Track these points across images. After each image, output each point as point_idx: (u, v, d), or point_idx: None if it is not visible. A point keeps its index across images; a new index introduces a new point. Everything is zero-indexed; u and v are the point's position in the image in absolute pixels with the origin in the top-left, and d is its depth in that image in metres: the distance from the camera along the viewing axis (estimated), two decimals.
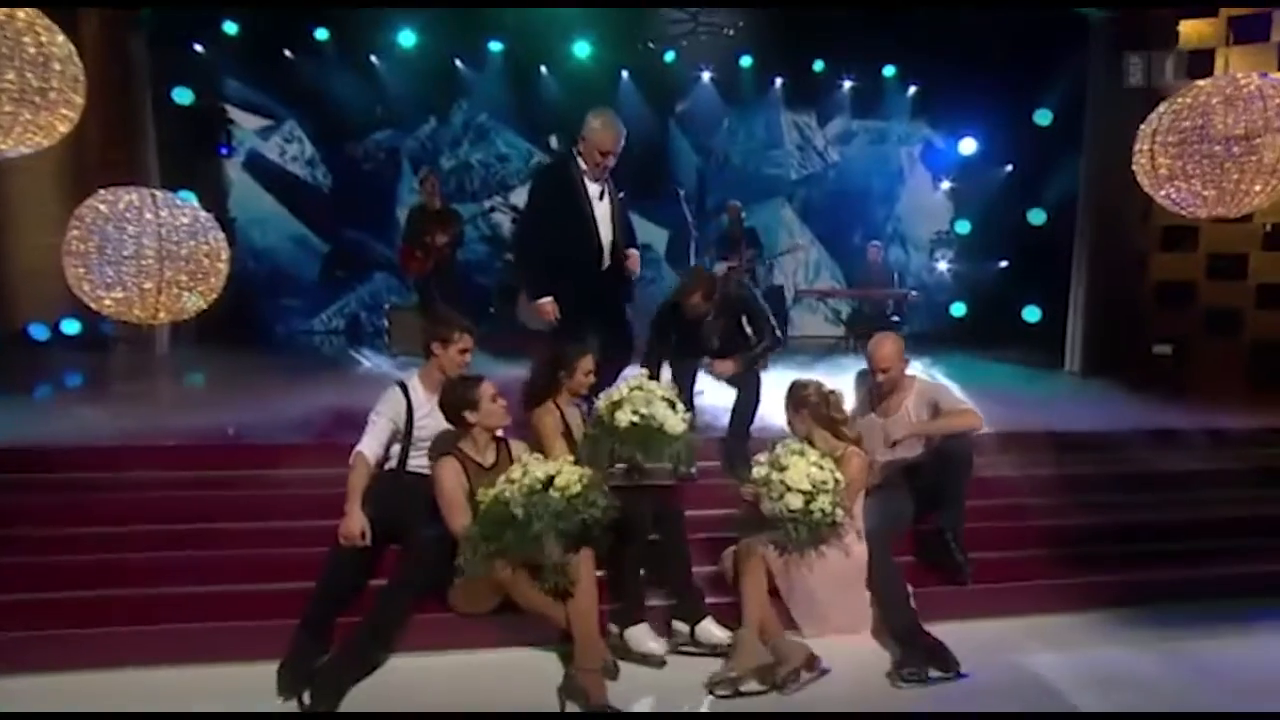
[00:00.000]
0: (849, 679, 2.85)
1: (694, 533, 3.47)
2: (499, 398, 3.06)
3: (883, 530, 3.26)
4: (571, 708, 2.65)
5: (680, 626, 3.05)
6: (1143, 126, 4.65)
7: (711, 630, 3.01)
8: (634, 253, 3.88)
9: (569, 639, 2.81)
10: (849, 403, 3.48)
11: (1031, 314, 8.39)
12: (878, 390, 3.55)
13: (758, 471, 3.07)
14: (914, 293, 8.56)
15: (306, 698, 2.63)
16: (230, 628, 2.94)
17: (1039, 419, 4.87)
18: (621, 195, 3.90)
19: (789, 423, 3.31)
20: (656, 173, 10.27)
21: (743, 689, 2.75)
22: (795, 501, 2.94)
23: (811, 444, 3.15)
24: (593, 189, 3.73)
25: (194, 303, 4.68)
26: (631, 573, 3.09)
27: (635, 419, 3.08)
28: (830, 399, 3.26)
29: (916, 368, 3.76)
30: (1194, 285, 6.65)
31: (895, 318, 8.06)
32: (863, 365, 3.60)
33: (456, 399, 3.03)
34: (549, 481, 2.76)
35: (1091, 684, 2.85)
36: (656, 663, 2.94)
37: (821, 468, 2.99)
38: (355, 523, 2.92)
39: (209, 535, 3.41)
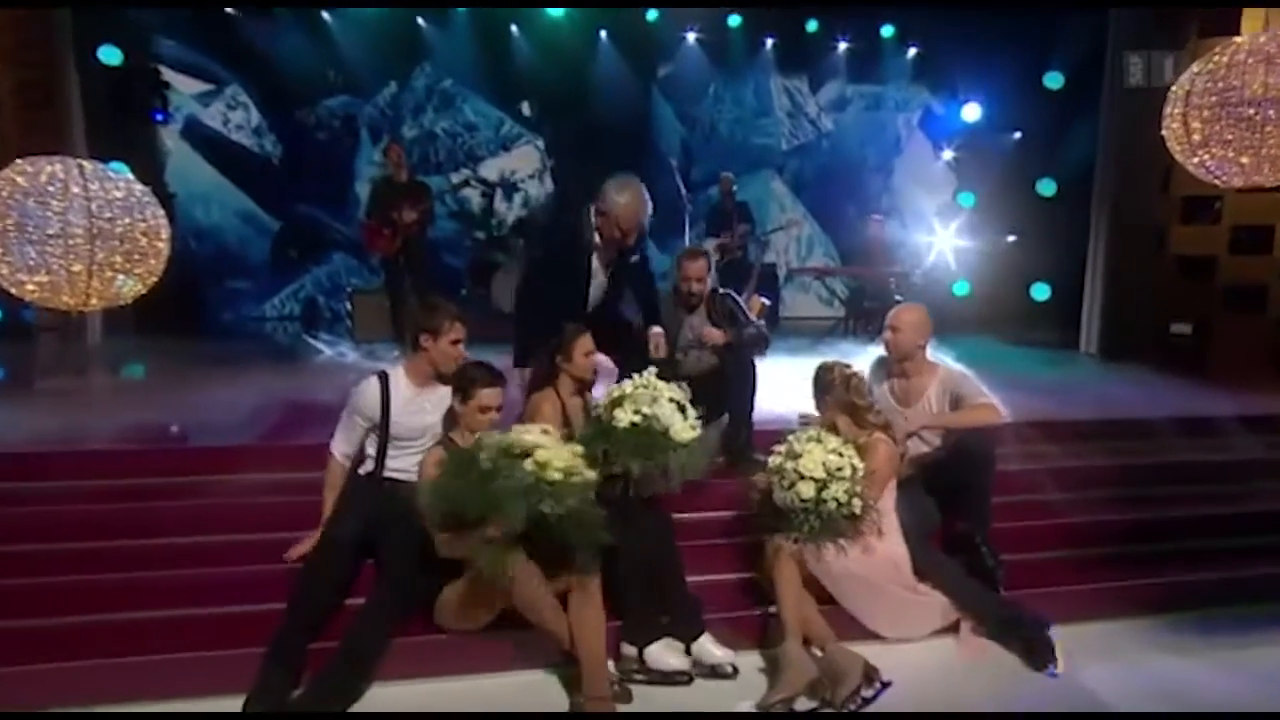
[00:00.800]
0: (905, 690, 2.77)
1: (698, 538, 3.36)
2: (493, 411, 2.87)
3: (917, 530, 3.20)
4: None
5: (674, 646, 2.90)
6: (1174, 88, 4.54)
7: (710, 649, 2.88)
8: (657, 332, 3.66)
9: (570, 659, 2.67)
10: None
11: (1040, 291, 8.32)
12: (891, 370, 3.50)
13: (772, 460, 3.00)
14: (917, 270, 8.46)
15: None
16: (181, 659, 2.72)
17: (1062, 406, 4.79)
18: (635, 259, 3.67)
19: (816, 407, 3.25)
20: (638, 143, 10.07)
21: (798, 708, 2.65)
22: (807, 490, 2.86)
23: (835, 430, 3.08)
24: (598, 263, 3.57)
25: (130, 287, 4.44)
26: (636, 584, 2.93)
27: (636, 419, 2.90)
28: (851, 382, 3.19)
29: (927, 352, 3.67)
30: (1215, 260, 6.60)
31: (898, 298, 7.95)
32: (870, 351, 3.51)
33: (458, 380, 2.92)
34: (532, 451, 2.54)
35: (1148, 697, 2.78)
36: (683, 680, 2.81)
37: (840, 454, 2.91)
38: (300, 547, 2.82)
39: (152, 552, 3.17)
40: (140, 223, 4.32)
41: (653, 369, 3.15)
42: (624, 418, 2.90)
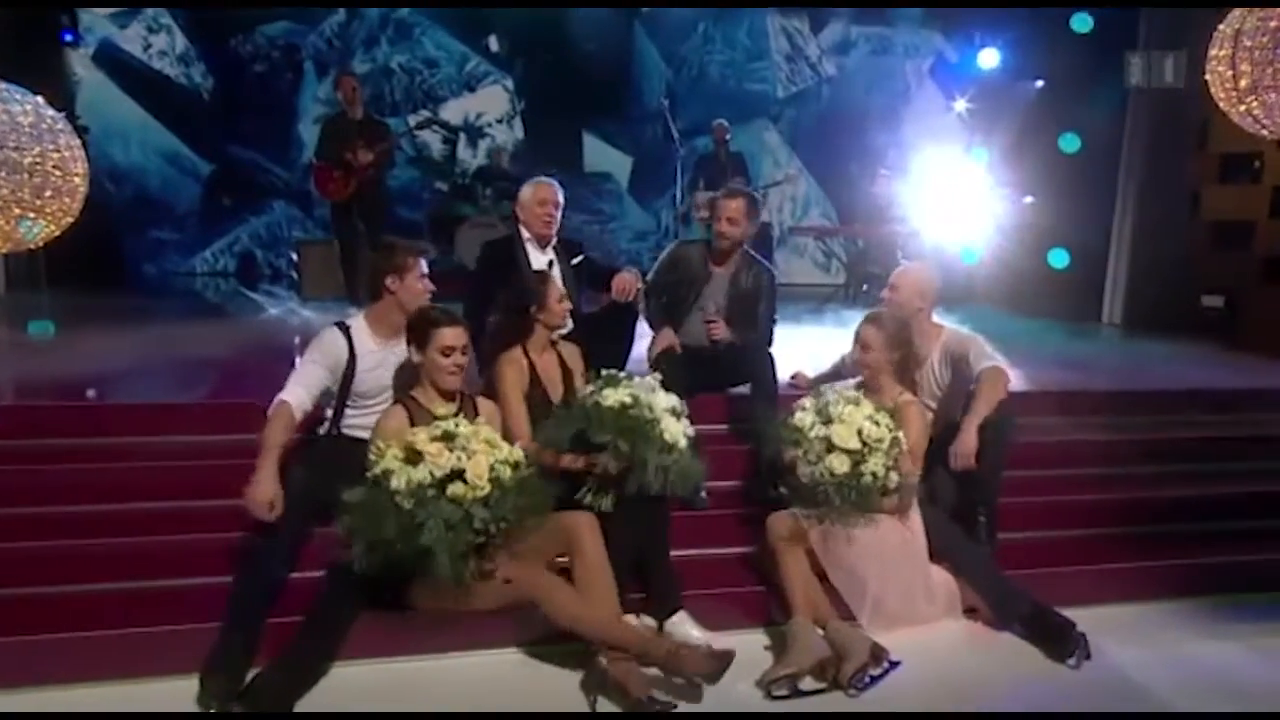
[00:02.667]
0: (920, 674, 2.78)
1: (690, 509, 3.34)
2: (457, 353, 2.80)
3: (938, 506, 3.22)
4: (605, 705, 2.53)
5: (647, 622, 2.91)
6: (1221, 27, 4.53)
7: (686, 629, 2.88)
8: (627, 273, 3.78)
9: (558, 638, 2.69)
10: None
11: (1058, 258, 8.38)
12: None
13: (800, 418, 2.96)
14: (923, 232, 8.45)
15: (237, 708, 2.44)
16: (102, 638, 2.63)
17: (1088, 379, 4.84)
18: (579, 260, 3.93)
19: (864, 347, 3.15)
20: (618, 85, 9.96)
21: (803, 687, 2.66)
22: (840, 464, 2.83)
23: (867, 389, 3.09)
24: (538, 259, 3.79)
25: (40, 230, 4.28)
26: (618, 554, 2.87)
27: (626, 399, 2.87)
28: None
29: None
30: (1252, 225, 6.66)
31: (905, 261, 7.95)
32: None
33: (413, 326, 2.85)
34: (451, 477, 2.48)
35: (1193, 686, 2.79)
36: None
37: (878, 423, 2.88)
38: (264, 489, 2.62)
39: (68, 520, 3.06)
40: (53, 153, 4.16)
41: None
42: (613, 397, 2.88)
